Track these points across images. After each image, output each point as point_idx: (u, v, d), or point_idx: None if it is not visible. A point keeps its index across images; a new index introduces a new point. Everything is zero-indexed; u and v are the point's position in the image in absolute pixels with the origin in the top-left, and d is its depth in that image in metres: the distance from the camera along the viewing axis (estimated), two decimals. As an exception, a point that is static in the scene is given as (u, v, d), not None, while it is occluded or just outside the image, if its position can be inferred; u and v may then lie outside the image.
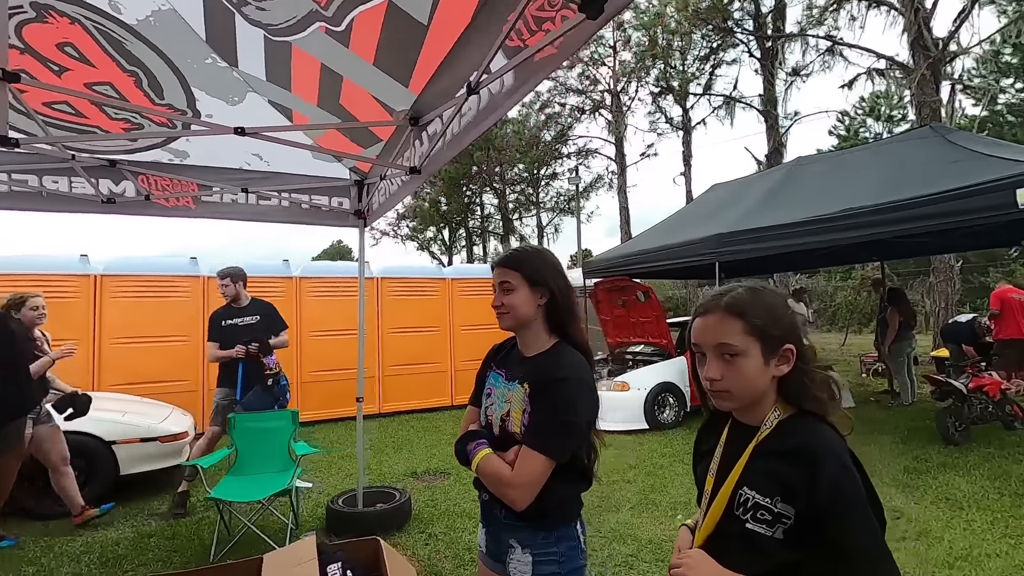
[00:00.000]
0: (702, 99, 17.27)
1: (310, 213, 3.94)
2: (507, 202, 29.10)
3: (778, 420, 1.02)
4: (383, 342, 8.19)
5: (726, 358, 1.01)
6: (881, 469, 4.78)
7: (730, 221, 6.67)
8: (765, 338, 1.01)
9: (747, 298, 1.04)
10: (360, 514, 3.73)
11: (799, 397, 1.03)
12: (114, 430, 4.52)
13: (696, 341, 1.06)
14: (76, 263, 6.74)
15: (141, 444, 4.61)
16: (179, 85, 3.02)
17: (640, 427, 6.52)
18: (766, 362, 1.01)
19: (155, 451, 4.66)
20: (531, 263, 1.50)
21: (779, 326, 1.02)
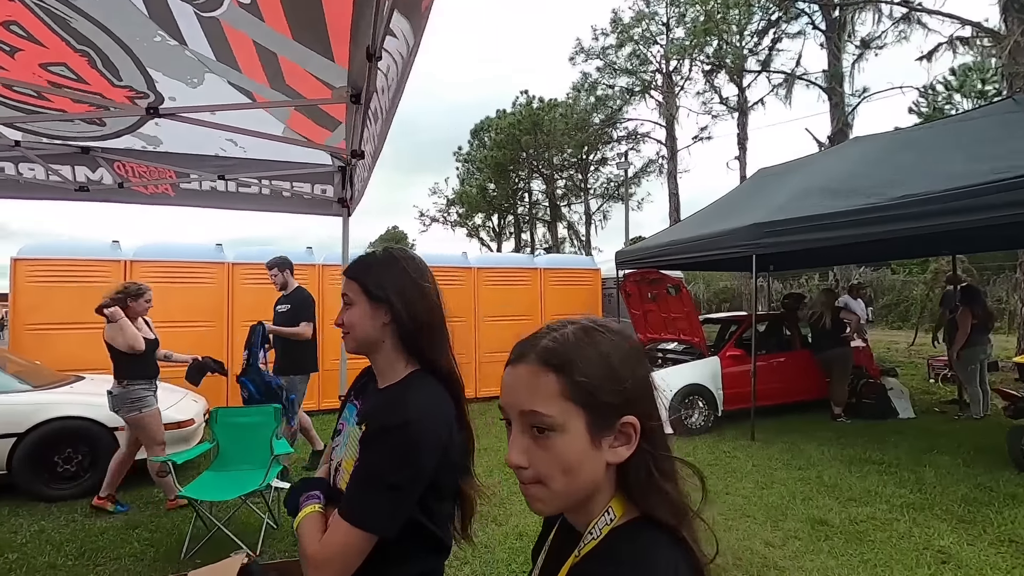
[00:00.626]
0: (760, 77, 16.06)
1: (292, 201, 3.76)
2: (555, 188, 28.59)
3: (609, 527, 0.67)
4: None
5: (535, 433, 0.67)
6: (934, 496, 4.16)
7: (771, 209, 6.04)
8: (594, 405, 0.66)
9: (573, 342, 0.69)
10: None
11: (641, 495, 0.68)
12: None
13: (501, 403, 0.72)
14: (108, 248, 6.95)
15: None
16: (134, 65, 2.86)
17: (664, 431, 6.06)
18: (595, 442, 0.66)
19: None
20: (373, 273, 1.19)
21: (617, 387, 0.67)
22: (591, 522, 0.68)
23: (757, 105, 16.04)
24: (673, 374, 6.39)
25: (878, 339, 15.78)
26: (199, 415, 5.21)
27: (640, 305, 7.66)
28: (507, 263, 9.02)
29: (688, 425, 6.19)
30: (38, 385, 4.87)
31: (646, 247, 7.95)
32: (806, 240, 5.31)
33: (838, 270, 12.92)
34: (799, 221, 5.37)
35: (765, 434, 6.02)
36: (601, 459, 0.66)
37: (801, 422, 6.55)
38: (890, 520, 3.77)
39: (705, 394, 6.35)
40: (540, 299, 9.00)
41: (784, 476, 4.69)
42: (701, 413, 6.33)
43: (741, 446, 5.64)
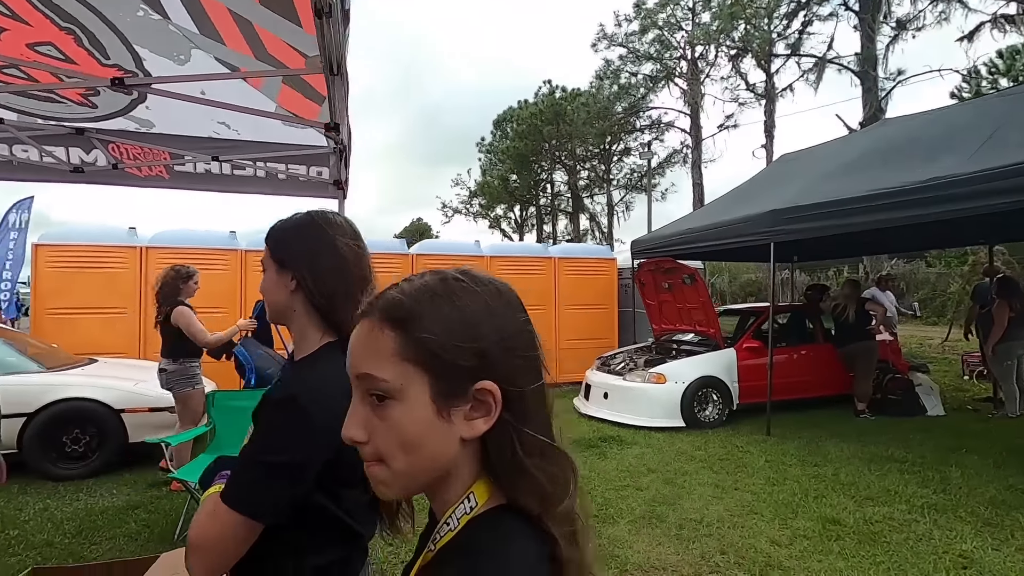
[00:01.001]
0: (789, 62, 15.47)
1: (288, 183, 3.70)
2: (577, 179, 28.28)
3: (468, 516, 0.56)
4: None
5: (374, 402, 0.56)
6: (959, 497, 3.92)
7: (791, 195, 5.78)
8: (439, 368, 0.55)
9: (422, 293, 0.57)
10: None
11: (504, 477, 0.56)
12: (124, 398, 4.62)
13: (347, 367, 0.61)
14: (125, 235, 7.07)
15: (150, 414, 4.69)
16: (120, 43, 2.82)
17: (675, 424, 5.89)
18: (441, 412, 0.55)
19: (164, 421, 4.73)
20: (280, 237, 1.09)
21: (471, 345, 0.55)
22: (448, 511, 0.57)
23: (785, 91, 15.51)
24: (686, 366, 6.20)
25: (911, 334, 15.16)
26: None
27: (655, 295, 7.46)
28: (520, 252, 8.91)
29: (701, 418, 6.00)
30: (51, 367, 4.97)
31: (662, 236, 7.73)
32: (825, 227, 5.05)
33: (868, 262, 12.40)
34: (819, 207, 5.11)
35: (782, 429, 5.79)
36: (452, 433, 0.55)
37: (821, 418, 6.29)
38: (909, 521, 3.55)
39: (720, 387, 6.14)
40: (554, 289, 8.86)
41: (798, 473, 4.48)
42: (715, 406, 6.13)
43: (755, 441, 5.43)
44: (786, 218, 5.42)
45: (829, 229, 5.02)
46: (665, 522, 3.57)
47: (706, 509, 3.76)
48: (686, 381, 6.01)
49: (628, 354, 7.15)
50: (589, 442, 5.38)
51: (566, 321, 8.90)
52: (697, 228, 6.85)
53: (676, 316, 7.26)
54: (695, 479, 4.38)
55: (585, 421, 6.32)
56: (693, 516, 3.65)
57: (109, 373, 5.08)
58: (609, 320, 9.22)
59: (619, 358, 7.08)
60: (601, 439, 5.49)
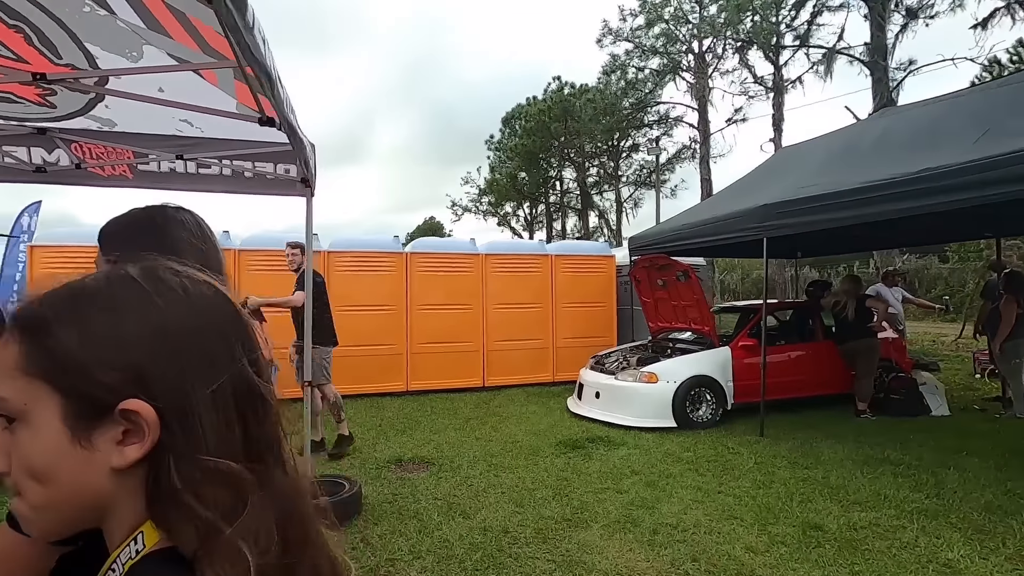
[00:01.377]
0: (798, 53, 15.12)
1: (255, 182, 3.66)
2: (586, 176, 28.08)
3: (132, 562, 0.48)
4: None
5: (4, 423, 0.48)
6: (952, 502, 3.76)
7: (787, 188, 5.61)
8: (70, 384, 0.46)
9: (62, 299, 0.49)
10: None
11: (160, 514, 0.47)
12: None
13: None
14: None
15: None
16: (71, 41, 2.79)
17: (666, 425, 5.76)
18: (77, 437, 0.46)
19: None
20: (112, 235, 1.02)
21: (114, 358, 0.46)
22: (113, 554, 0.49)
23: (795, 84, 15.15)
24: (678, 365, 6.07)
25: (924, 331, 14.78)
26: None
27: (650, 293, 7.32)
28: (516, 249, 8.81)
29: (693, 419, 5.86)
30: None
31: (659, 232, 7.59)
32: (815, 221, 4.89)
33: (879, 257, 12.09)
34: (808, 201, 4.95)
35: (776, 430, 5.63)
36: (96, 462, 0.46)
37: (819, 418, 6.12)
38: (895, 528, 3.40)
39: (713, 386, 6.00)
40: (551, 287, 8.75)
41: (786, 475, 4.34)
42: (708, 406, 5.98)
43: (747, 442, 5.29)
44: (777, 213, 5.27)
45: (819, 224, 4.86)
46: (639, 527, 3.47)
47: (684, 513, 3.65)
48: (678, 380, 5.88)
49: (623, 353, 7.02)
50: (576, 443, 5.28)
51: (563, 319, 8.79)
52: (692, 224, 6.70)
53: (672, 314, 7.12)
54: (678, 482, 4.26)
55: (576, 421, 6.22)
56: (670, 521, 3.54)
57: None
58: (607, 318, 9.09)
59: (613, 357, 6.96)
60: (589, 440, 5.39)
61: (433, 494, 4.05)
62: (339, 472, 4.47)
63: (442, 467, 4.67)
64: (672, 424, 5.77)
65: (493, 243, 8.82)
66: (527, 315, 8.59)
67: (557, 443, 5.30)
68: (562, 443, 5.29)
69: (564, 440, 5.37)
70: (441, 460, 4.83)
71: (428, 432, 5.82)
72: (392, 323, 7.92)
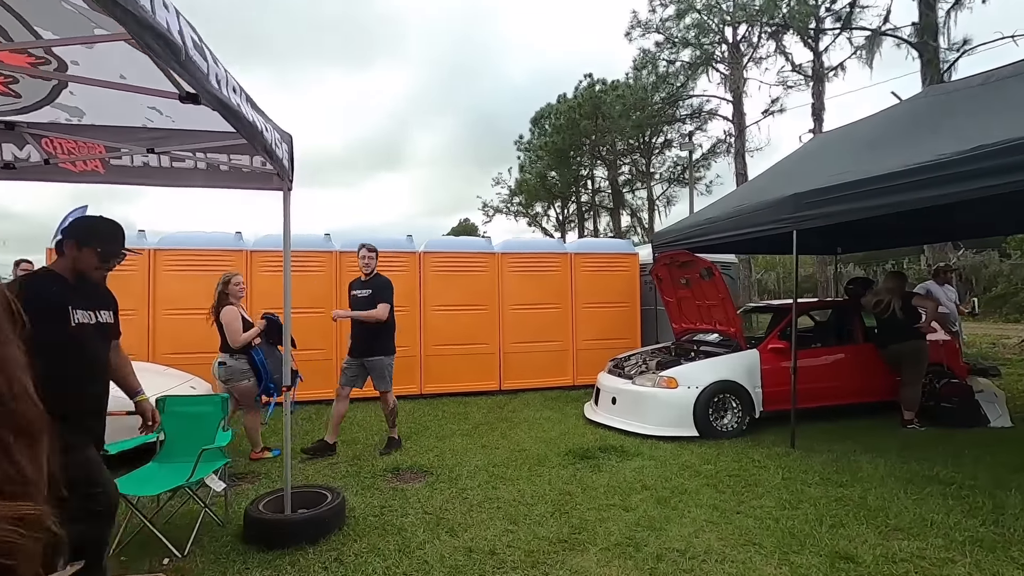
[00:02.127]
0: (839, 39, 14.21)
1: (231, 175, 3.48)
2: (617, 174, 27.47)
3: None
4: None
5: None
6: (1013, 531, 3.24)
7: (817, 177, 5.12)
8: None
9: None
10: (270, 521, 3.26)
11: None
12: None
13: None
14: (134, 237, 7.19)
15: (126, 417, 4.60)
16: (20, 24, 2.66)
17: (687, 434, 5.34)
18: None
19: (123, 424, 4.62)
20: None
21: None
22: None
23: (836, 71, 14.25)
24: (700, 369, 5.63)
25: (984, 333, 13.69)
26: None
27: (673, 291, 6.88)
28: (535, 248, 8.48)
29: (717, 428, 5.42)
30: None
31: (684, 226, 7.13)
32: (852, 210, 4.39)
33: (931, 254, 11.20)
34: (846, 187, 4.45)
35: (809, 441, 5.14)
36: None
37: (858, 429, 5.57)
38: (943, 561, 2.93)
39: (740, 393, 5.54)
40: (571, 286, 8.40)
41: (816, 494, 3.88)
42: (734, 414, 5.52)
43: (776, 455, 4.83)
44: (807, 203, 4.79)
45: (855, 213, 4.36)
46: (642, 551, 3.10)
47: (695, 537, 3.26)
48: (700, 386, 5.44)
49: (643, 356, 6.62)
50: (586, 452, 4.92)
51: (584, 320, 8.43)
52: (718, 217, 6.24)
53: (696, 314, 6.67)
54: (693, 499, 3.86)
55: (591, 429, 5.86)
56: (677, 546, 3.16)
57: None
58: (631, 319, 8.67)
59: (633, 360, 6.56)
60: (601, 449, 5.03)
61: (424, 507, 3.78)
62: (332, 481, 4.27)
63: (439, 477, 4.40)
64: (693, 433, 5.34)
65: (509, 241, 8.53)
66: (546, 316, 8.26)
67: (566, 452, 4.96)
68: (571, 452, 4.95)
69: (574, 449, 5.03)
70: (440, 469, 4.57)
71: (433, 439, 5.57)
72: (405, 325, 7.71)
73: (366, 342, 5.04)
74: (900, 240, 9.15)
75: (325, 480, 4.33)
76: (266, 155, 2.93)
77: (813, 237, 6.46)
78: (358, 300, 5.11)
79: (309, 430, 5.92)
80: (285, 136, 3.32)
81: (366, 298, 5.06)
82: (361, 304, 5.07)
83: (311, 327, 7.17)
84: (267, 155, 2.91)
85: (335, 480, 4.34)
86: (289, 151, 3.37)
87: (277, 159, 3.13)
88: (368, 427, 6.06)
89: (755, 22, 15.17)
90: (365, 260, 5.11)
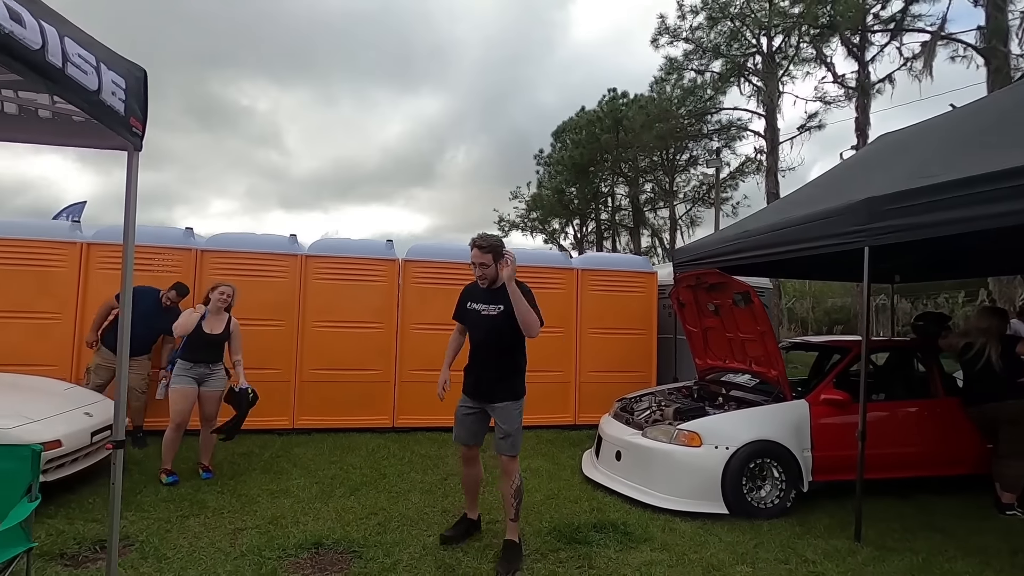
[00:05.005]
0: (887, 48, 12.92)
1: (53, 126, 2.39)
2: (639, 192, 26.27)
3: None
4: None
5: None
6: None
7: (895, 179, 3.88)
8: None
9: None
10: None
11: None
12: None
13: None
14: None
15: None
16: None
17: (712, 510, 4.06)
18: None
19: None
20: None
21: None
22: None
23: (885, 82, 12.93)
24: (732, 423, 4.35)
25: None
26: (76, 438, 4.05)
27: (698, 320, 5.62)
28: (535, 260, 7.29)
29: (753, 503, 4.12)
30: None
31: (711, 241, 5.90)
32: (953, 219, 3.14)
33: (996, 287, 9.71)
34: (953, 187, 3.21)
35: (879, 531, 3.82)
36: None
37: (942, 513, 4.23)
38: None
39: (783, 457, 4.24)
40: (576, 307, 7.20)
41: (913, 639, 2.58)
42: (775, 485, 4.22)
43: (836, 552, 3.51)
44: (889, 210, 3.54)
45: (973, 222, 3.09)
46: None
47: None
48: (732, 446, 4.17)
49: (658, 398, 5.35)
50: (575, 532, 3.67)
51: (590, 348, 7.19)
52: (756, 231, 5.00)
53: (725, 349, 5.40)
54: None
55: (588, 491, 4.60)
56: None
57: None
58: (645, 349, 7.41)
59: (645, 402, 5.31)
60: (596, 527, 3.77)
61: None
62: (236, 560, 3.09)
63: (369, 563, 3.19)
64: (721, 510, 4.05)
65: (506, 252, 7.36)
66: (544, 341, 6.94)
67: (550, 531, 3.71)
68: (556, 531, 3.70)
69: (560, 526, 3.78)
70: (373, 551, 3.35)
71: (385, 494, 4.37)
72: (380, 344, 6.60)
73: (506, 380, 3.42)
74: (968, 269, 7.77)
75: (205, 563, 3.16)
76: (79, 98, 1.84)
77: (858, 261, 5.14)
78: (485, 319, 3.44)
79: (242, 469, 4.76)
80: (126, 70, 2.22)
81: (497, 316, 3.39)
82: (492, 324, 3.42)
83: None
84: (78, 96, 1.82)
85: (223, 563, 3.16)
86: (136, 92, 2.27)
87: (95, 102, 2.03)
88: (314, 472, 4.88)
89: (795, 29, 13.95)
90: (483, 270, 3.42)
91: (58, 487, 3.87)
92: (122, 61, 2.21)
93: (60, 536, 3.36)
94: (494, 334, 3.35)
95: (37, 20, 1.64)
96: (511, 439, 3.28)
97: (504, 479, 3.34)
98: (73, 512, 3.74)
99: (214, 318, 4.62)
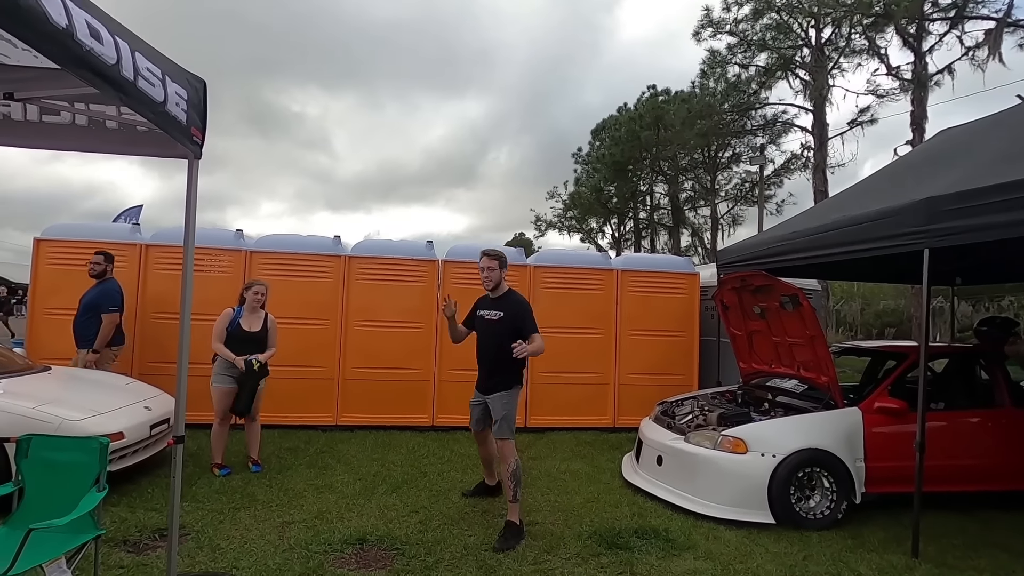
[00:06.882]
0: (947, 37, 12.25)
1: (120, 136, 2.52)
2: (679, 190, 25.78)
3: None
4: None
5: None
6: None
7: (958, 177, 3.69)
8: None
9: None
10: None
11: None
12: (11, 424, 3.71)
13: None
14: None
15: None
16: None
17: (758, 519, 3.95)
18: None
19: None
20: None
21: None
22: None
23: (944, 72, 12.26)
24: (780, 430, 4.22)
25: None
26: (137, 430, 4.27)
27: (742, 323, 5.48)
28: (574, 262, 7.26)
29: (802, 513, 3.99)
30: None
31: (757, 242, 5.73)
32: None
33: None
34: (1009, 188, 3.03)
35: (938, 546, 3.64)
36: None
37: (1007, 529, 4.00)
38: None
39: (834, 467, 4.08)
40: (615, 308, 7.13)
41: (977, 664, 2.45)
42: (826, 496, 4.08)
43: (891, 566, 3.37)
44: (950, 210, 3.37)
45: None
46: None
47: None
48: (779, 453, 4.04)
49: (701, 403, 5.24)
50: (617, 537, 3.63)
51: (630, 350, 7.11)
52: (805, 231, 4.83)
53: (771, 353, 5.24)
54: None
55: (628, 495, 4.55)
56: None
57: (28, 389, 4.27)
58: (687, 352, 7.27)
59: (687, 406, 5.21)
60: (638, 533, 3.72)
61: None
62: (267, 556, 3.20)
63: (411, 560, 3.24)
64: (768, 519, 3.94)
65: (543, 253, 7.38)
66: (583, 342, 7.01)
67: (590, 535, 3.69)
68: (597, 535, 3.68)
69: (601, 529, 3.75)
70: (415, 548, 3.41)
71: (426, 493, 4.43)
72: (420, 343, 6.70)
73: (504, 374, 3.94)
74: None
75: (256, 554, 3.27)
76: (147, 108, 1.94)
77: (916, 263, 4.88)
78: (487, 323, 3.97)
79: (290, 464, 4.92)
80: (187, 81, 2.33)
81: (496, 322, 3.90)
82: (493, 328, 3.93)
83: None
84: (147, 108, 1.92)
85: (273, 555, 3.27)
86: (196, 102, 2.37)
87: (161, 113, 2.13)
88: (359, 468, 5.00)
89: (847, 19, 13.39)
90: (490, 274, 3.93)
91: (119, 477, 4.08)
92: (183, 73, 2.31)
93: (123, 524, 3.54)
94: (494, 337, 3.85)
95: (113, 36, 1.73)
96: (500, 423, 3.75)
97: (501, 462, 3.83)
98: (134, 501, 3.94)
99: (251, 316, 4.73)
